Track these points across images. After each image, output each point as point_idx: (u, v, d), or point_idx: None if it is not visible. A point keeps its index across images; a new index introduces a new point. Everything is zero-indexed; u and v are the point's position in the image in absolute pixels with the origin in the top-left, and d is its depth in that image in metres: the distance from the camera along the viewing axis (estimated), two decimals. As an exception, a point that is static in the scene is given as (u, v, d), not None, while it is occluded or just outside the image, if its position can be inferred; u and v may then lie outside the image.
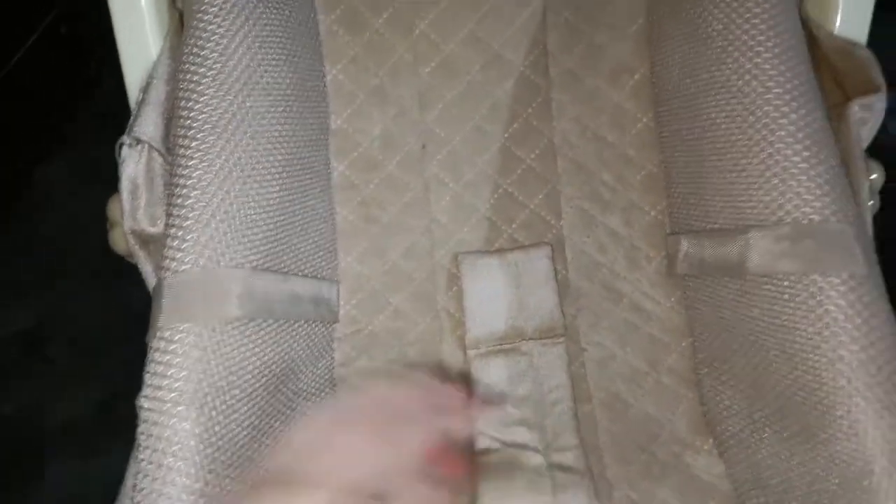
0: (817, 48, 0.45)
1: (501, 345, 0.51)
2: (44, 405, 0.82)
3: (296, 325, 0.44)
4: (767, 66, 0.41)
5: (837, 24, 0.44)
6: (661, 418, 0.48)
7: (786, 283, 0.39)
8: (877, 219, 0.45)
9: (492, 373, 0.50)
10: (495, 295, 0.51)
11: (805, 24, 0.45)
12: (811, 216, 0.38)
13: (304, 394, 0.44)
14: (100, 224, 0.46)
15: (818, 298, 0.37)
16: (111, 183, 0.44)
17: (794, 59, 0.41)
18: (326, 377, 0.47)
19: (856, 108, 0.41)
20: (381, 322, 0.51)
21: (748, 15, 0.43)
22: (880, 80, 0.41)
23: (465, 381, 0.50)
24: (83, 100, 1.01)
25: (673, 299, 0.50)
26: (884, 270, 0.39)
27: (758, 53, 0.42)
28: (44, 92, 0.99)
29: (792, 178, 0.39)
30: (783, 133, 0.40)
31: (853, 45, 0.43)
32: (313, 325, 0.46)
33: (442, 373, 0.50)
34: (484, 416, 0.49)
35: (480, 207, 0.53)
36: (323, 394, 0.46)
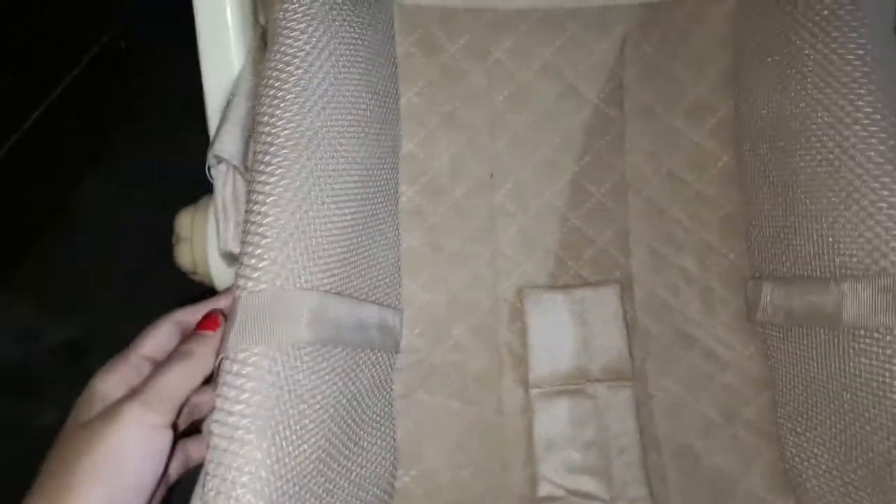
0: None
1: (566, 385, 0.49)
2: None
3: (362, 354, 0.42)
4: (869, 109, 0.40)
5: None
6: (737, 474, 0.45)
7: (888, 339, 0.36)
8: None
9: (555, 414, 0.48)
10: (560, 333, 0.49)
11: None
12: None
13: (366, 426, 0.42)
14: (138, 240, 0.45)
15: None
16: (150, 200, 0.44)
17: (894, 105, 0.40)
18: (387, 409, 0.46)
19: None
20: (441, 354, 0.49)
21: (844, 52, 0.41)
22: None
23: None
24: (125, 119, 1.02)
25: (752, 348, 0.48)
26: None
27: (859, 96, 0.40)
28: (90, 109, 1.00)
29: (894, 229, 0.37)
30: (888, 180, 0.38)
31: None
32: (378, 354, 0.44)
33: None
34: (549, 460, 0.47)
35: (547, 241, 0.52)
36: (383, 427, 0.45)
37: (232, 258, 0.40)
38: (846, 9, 0.42)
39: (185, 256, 0.44)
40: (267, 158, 0.38)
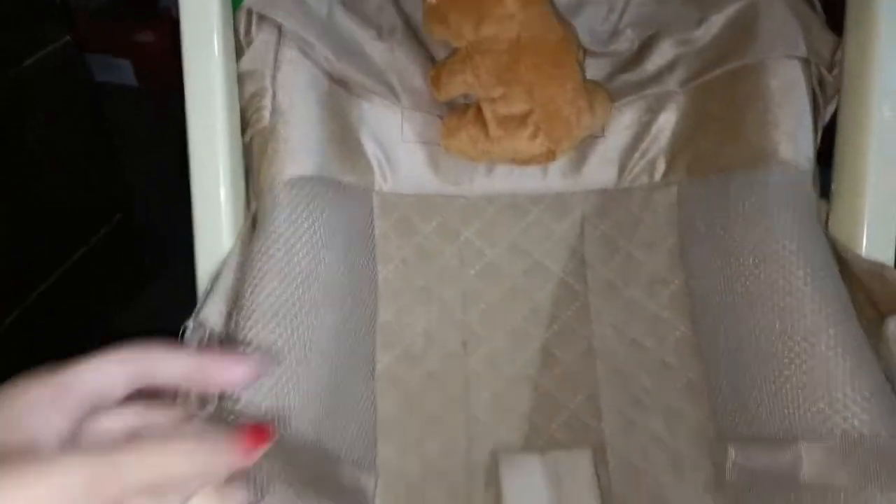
0: (848, 269, 0.48)
1: None
2: None
3: None
4: (800, 283, 0.44)
5: (864, 246, 0.47)
6: None
7: (842, 496, 0.37)
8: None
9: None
10: (534, 497, 0.49)
11: (834, 247, 0.48)
12: (861, 429, 0.38)
13: None
14: None
15: None
16: None
17: (826, 278, 0.44)
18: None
19: (892, 326, 0.42)
20: None
21: (777, 236, 0.46)
22: (912, 298, 0.43)
23: None
24: (134, 296, 1.07)
25: None
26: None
27: (790, 272, 0.44)
28: (100, 284, 1.05)
29: (837, 391, 0.39)
30: (823, 347, 0.41)
31: (882, 267, 0.45)
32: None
33: None
34: None
35: (520, 406, 0.53)
36: None
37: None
38: (777, 204, 0.48)
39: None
40: (248, 324, 0.41)
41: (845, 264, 0.47)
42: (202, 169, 0.47)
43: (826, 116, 0.52)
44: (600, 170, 0.58)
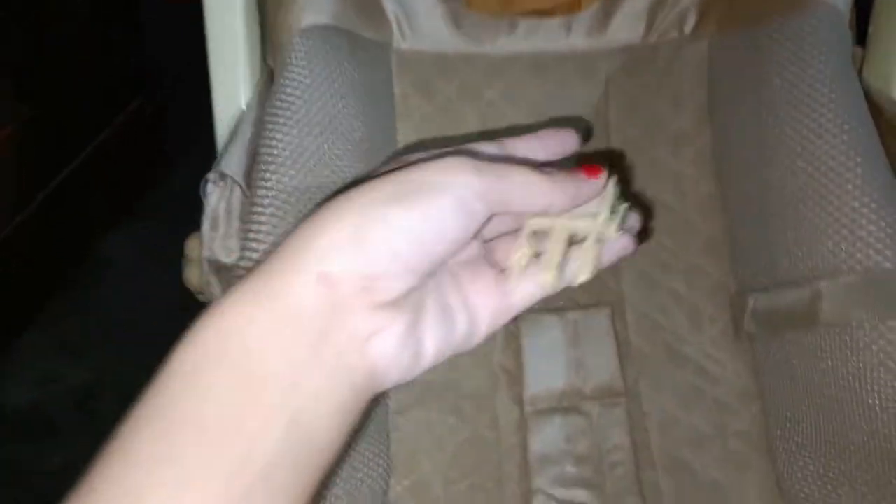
0: (881, 115, 0.46)
1: (560, 403, 0.49)
2: (92, 460, 0.83)
3: None
4: (830, 125, 0.42)
5: (899, 91, 0.45)
6: (730, 486, 0.45)
7: (860, 332, 0.38)
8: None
9: (549, 430, 0.48)
10: (554, 353, 0.51)
11: (867, 93, 0.47)
12: (883, 264, 0.38)
13: (357, 438, 0.44)
14: (157, 296, 0.48)
15: (893, 348, 0.36)
16: (173, 260, 0.47)
17: (857, 120, 0.42)
18: (381, 421, 0.47)
19: (923, 166, 0.41)
20: (435, 372, 0.50)
21: (810, 80, 0.44)
22: (945, 141, 0.42)
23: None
24: (158, 180, 1.08)
25: (740, 362, 0.49)
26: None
27: (821, 115, 0.43)
28: (123, 168, 1.07)
29: (860, 228, 0.39)
30: (850, 186, 0.40)
31: (916, 109, 0.44)
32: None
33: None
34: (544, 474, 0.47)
35: None
36: (377, 436, 0.46)
37: (217, 267, 0.43)
38: (805, 49, 0.46)
39: (192, 276, 0.47)
40: (267, 175, 0.41)
41: (878, 109, 0.45)
42: (216, 20, 0.47)
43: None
44: (627, 25, 0.56)
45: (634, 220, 0.31)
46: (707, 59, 0.54)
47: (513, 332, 0.52)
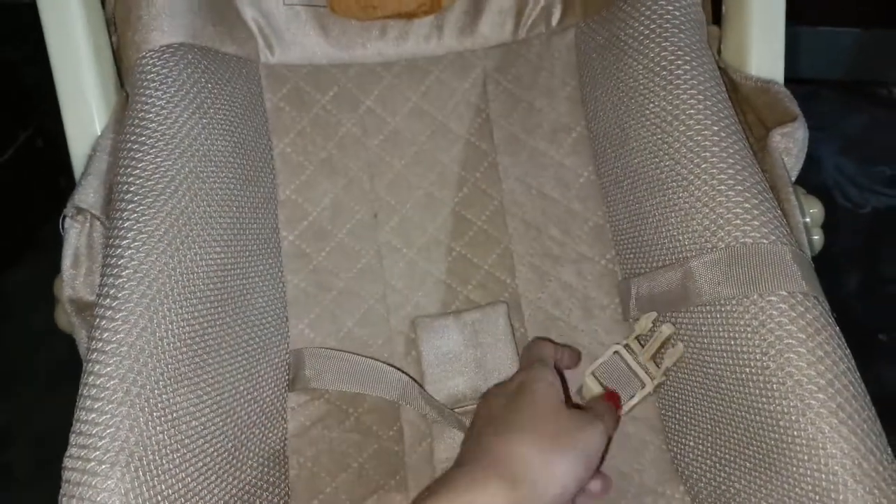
0: (737, 92, 0.48)
1: (463, 406, 0.49)
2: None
3: (248, 395, 0.42)
4: (686, 106, 0.43)
5: (753, 66, 0.47)
6: (630, 471, 0.46)
7: (728, 308, 0.38)
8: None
9: (455, 436, 0.48)
10: (453, 356, 0.50)
11: (724, 71, 0.48)
12: (743, 240, 0.39)
13: (253, 466, 0.42)
14: (59, 334, 0.46)
15: (760, 318, 0.37)
16: None
17: (713, 98, 0.43)
18: (278, 448, 0.46)
19: (777, 137, 0.43)
20: (335, 391, 0.49)
21: (665, 63, 0.45)
22: (796, 109, 0.43)
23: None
24: (53, 211, 1.03)
25: None
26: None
27: (676, 96, 0.44)
28: (15, 204, 1.02)
29: (720, 206, 0.40)
30: (707, 165, 0.41)
31: (768, 83, 0.45)
32: (266, 394, 0.45)
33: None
34: None
35: (435, 272, 0.53)
36: (274, 465, 0.44)
37: (80, 306, 0.41)
38: (664, 27, 0.47)
39: (61, 318, 0.45)
40: (123, 205, 0.39)
41: (736, 86, 0.47)
42: (58, 46, 0.44)
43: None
44: (496, 22, 0.56)
45: None
46: (574, 48, 0.55)
47: (411, 339, 0.51)
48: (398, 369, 0.49)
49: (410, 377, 0.49)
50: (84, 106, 0.44)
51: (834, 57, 1.17)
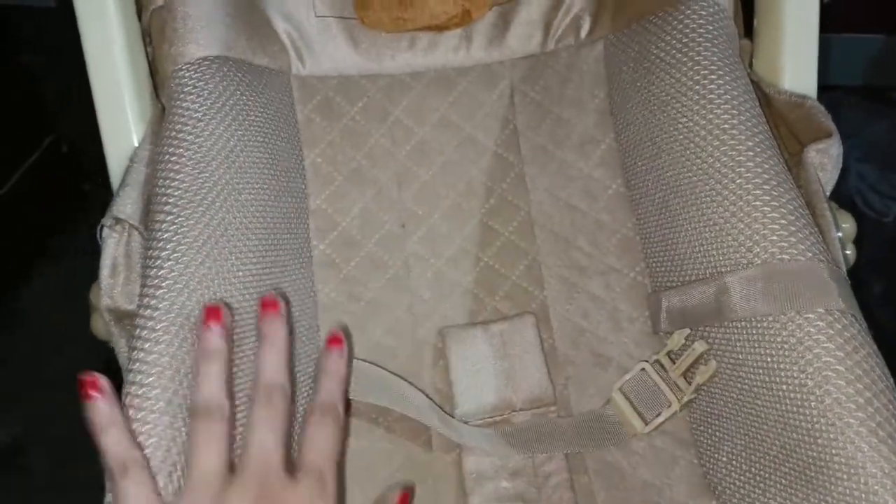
0: (770, 106, 0.48)
1: (493, 417, 0.49)
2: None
3: None
4: (720, 121, 0.43)
5: (786, 81, 0.47)
6: (660, 483, 0.46)
7: (765, 325, 0.38)
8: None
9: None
10: (482, 367, 0.50)
11: (756, 84, 0.48)
12: (780, 256, 0.39)
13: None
14: (79, 337, 0.46)
15: (798, 336, 0.37)
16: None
17: (747, 113, 0.43)
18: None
19: (812, 153, 0.43)
20: (367, 395, 0.49)
21: (699, 78, 0.45)
22: (831, 126, 0.43)
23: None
24: (76, 216, 1.04)
25: None
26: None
27: (710, 110, 0.44)
28: (39, 208, 1.03)
29: (756, 222, 0.40)
30: (742, 181, 0.41)
31: (802, 97, 0.45)
32: (297, 404, 0.45)
33: None
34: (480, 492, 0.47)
35: (462, 282, 0.53)
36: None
37: (119, 315, 0.41)
38: (696, 41, 0.47)
39: (98, 326, 0.45)
40: (161, 216, 0.40)
41: (769, 100, 0.47)
42: (97, 58, 0.45)
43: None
44: (525, 34, 0.56)
45: None
46: (603, 60, 0.55)
47: (439, 349, 0.51)
48: (422, 391, 0.49)
49: (434, 402, 0.48)
50: (122, 117, 0.45)
51: (856, 63, 1.17)
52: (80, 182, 1.09)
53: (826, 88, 0.47)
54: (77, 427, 0.37)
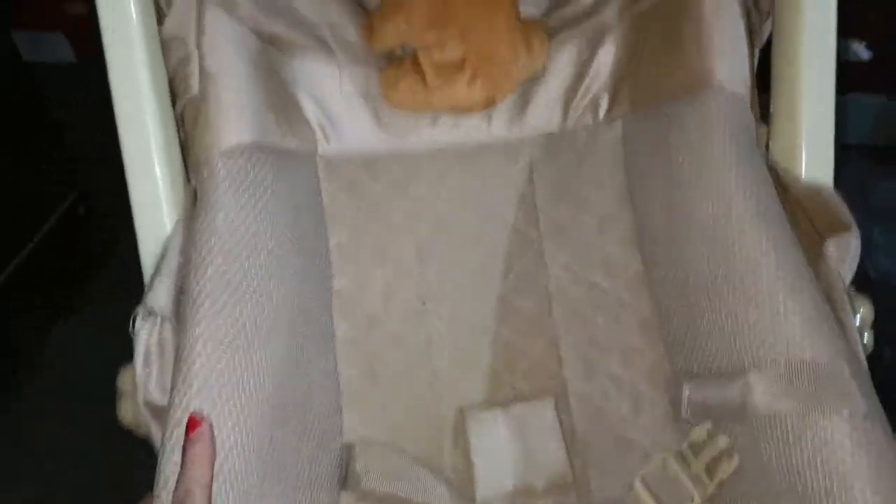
0: (787, 194, 0.48)
1: (513, 502, 0.49)
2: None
3: (301, 492, 0.43)
4: (740, 210, 0.44)
5: (803, 169, 0.47)
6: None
7: (788, 424, 0.39)
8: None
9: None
10: (502, 451, 0.51)
11: (773, 170, 0.49)
12: (802, 356, 0.39)
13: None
14: (104, 392, 0.46)
15: (823, 438, 0.37)
16: (117, 353, 0.45)
17: (765, 203, 0.44)
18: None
19: (831, 248, 0.43)
20: (388, 487, 0.50)
21: (716, 168, 0.46)
22: (849, 218, 0.44)
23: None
24: (90, 277, 1.05)
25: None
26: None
27: (727, 201, 0.44)
28: (57, 268, 1.04)
29: (777, 315, 0.40)
30: (763, 273, 0.42)
31: (819, 188, 0.46)
32: (320, 494, 0.45)
33: None
34: None
35: (482, 359, 0.54)
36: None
37: (155, 410, 0.42)
38: (712, 130, 0.47)
39: (126, 412, 0.45)
40: (194, 308, 0.40)
41: (786, 188, 0.47)
42: (133, 146, 0.46)
43: (763, 36, 0.51)
44: (544, 113, 0.57)
45: None
46: (622, 140, 0.56)
47: (459, 430, 0.52)
48: (443, 472, 0.49)
49: (454, 486, 0.48)
50: (155, 205, 0.46)
51: (860, 122, 1.18)
52: (94, 245, 1.10)
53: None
54: (106, 483, 0.37)
